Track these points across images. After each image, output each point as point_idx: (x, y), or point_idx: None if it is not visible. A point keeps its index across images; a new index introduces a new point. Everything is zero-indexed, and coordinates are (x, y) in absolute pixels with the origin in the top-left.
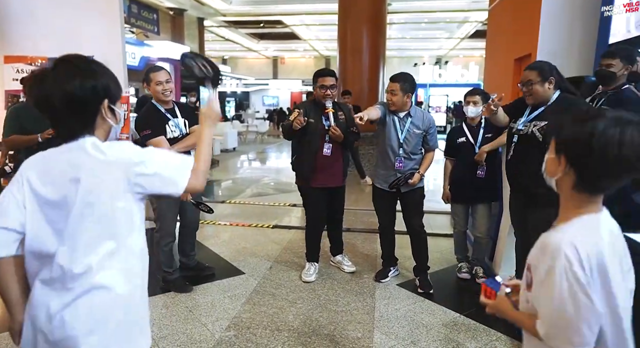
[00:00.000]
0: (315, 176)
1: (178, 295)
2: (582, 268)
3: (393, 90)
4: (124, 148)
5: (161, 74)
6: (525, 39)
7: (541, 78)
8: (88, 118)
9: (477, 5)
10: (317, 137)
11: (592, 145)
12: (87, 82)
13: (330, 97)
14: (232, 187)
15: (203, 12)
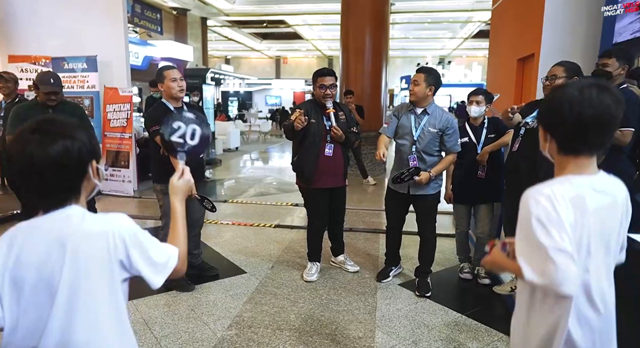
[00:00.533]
0: (316, 177)
1: (180, 293)
2: (544, 204)
3: (416, 80)
4: (117, 220)
5: (175, 72)
6: (528, 39)
7: (566, 75)
8: (75, 182)
9: (481, 5)
10: (318, 138)
11: (557, 108)
12: (73, 144)
13: (330, 97)
14: (235, 186)
15: (206, 11)
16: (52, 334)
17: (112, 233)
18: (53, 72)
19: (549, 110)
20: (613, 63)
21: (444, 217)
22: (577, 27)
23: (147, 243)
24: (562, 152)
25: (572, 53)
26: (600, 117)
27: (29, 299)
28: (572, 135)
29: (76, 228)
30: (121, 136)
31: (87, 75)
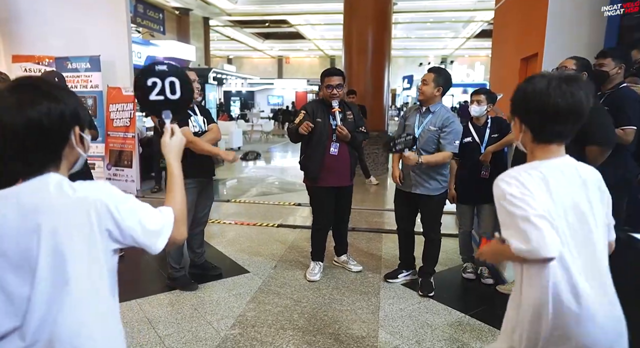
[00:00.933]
0: (322, 176)
1: (183, 293)
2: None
3: (425, 79)
4: (99, 187)
5: (193, 74)
6: (532, 38)
7: (576, 69)
8: (55, 149)
9: (483, 5)
10: (324, 137)
11: (527, 98)
12: (55, 107)
13: (336, 97)
14: (237, 186)
15: (208, 11)
16: (36, 310)
17: (93, 201)
18: (57, 72)
19: (525, 100)
20: (609, 63)
21: (446, 217)
22: (580, 26)
23: (136, 208)
24: (535, 141)
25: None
26: (572, 108)
27: (8, 273)
28: (546, 124)
29: (54, 196)
30: (124, 136)
31: (90, 75)
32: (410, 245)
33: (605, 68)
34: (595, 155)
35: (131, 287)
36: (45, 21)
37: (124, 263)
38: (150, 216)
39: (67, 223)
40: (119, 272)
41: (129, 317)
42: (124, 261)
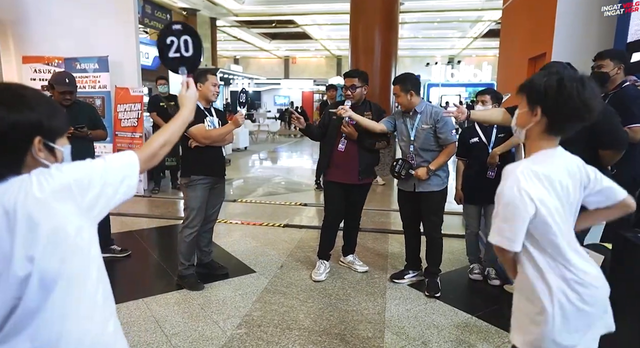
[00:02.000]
0: (330, 170)
1: (190, 292)
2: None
3: (395, 93)
4: (59, 175)
5: (216, 78)
6: (540, 38)
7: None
8: (11, 158)
9: (491, 4)
10: (334, 133)
11: (562, 89)
12: (9, 116)
13: (350, 97)
14: (244, 186)
15: (215, 12)
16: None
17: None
18: (68, 72)
19: (560, 94)
20: (608, 64)
21: (453, 217)
22: (589, 26)
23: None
24: (546, 132)
25: (584, 52)
26: (597, 106)
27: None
28: (571, 117)
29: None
30: (132, 136)
31: (98, 75)
32: (416, 246)
33: (604, 69)
34: (610, 159)
35: (138, 287)
36: (54, 22)
37: (130, 263)
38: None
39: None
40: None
41: (136, 315)
42: (131, 261)
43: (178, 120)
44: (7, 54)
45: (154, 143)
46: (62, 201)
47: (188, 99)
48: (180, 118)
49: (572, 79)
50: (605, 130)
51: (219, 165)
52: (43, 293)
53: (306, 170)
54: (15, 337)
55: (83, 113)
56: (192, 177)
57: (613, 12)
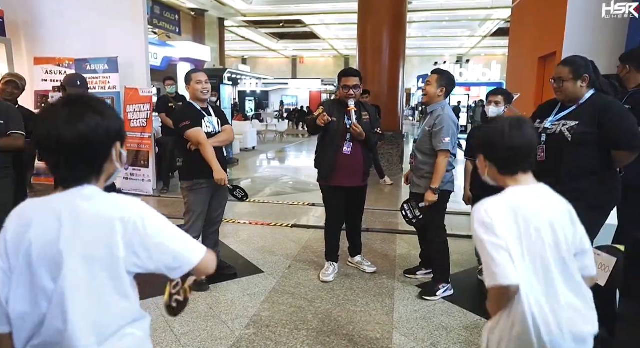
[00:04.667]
0: (334, 175)
1: (198, 292)
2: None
3: (429, 81)
4: (129, 203)
5: (201, 74)
6: (550, 36)
7: (573, 75)
8: (97, 162)
9: (500, 2)
10: (338, 136)
11: (492, 140)
12: (102, 122)
13: (353, 97)
14: (252, 186)
15: (224, 12)
16: (51, 321)
17: (121, 215)
18: (79, 74)
19: (485, 142)
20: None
21: (461, 218)
22: (601, 24)
23: (164, 227)
24: (501, 173)
25: (596, 52)
26: (527, 145)
27: (30, 277)
28: (507, 160)
29: (83, 207)
30: (141, 136)
31: (108, 76)
32: (426, 246)
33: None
34: (624, 159)
35: (148, 285)
36: (65, 23)
37: None
38: (178, 237)
39: (90, 237)
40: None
41: None
42: None
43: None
44: (19, 55)
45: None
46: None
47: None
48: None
49: (495, 128)
50: (621, 130)
51: (221, 166)
52: None
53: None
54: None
55: None
56: (195, 180)
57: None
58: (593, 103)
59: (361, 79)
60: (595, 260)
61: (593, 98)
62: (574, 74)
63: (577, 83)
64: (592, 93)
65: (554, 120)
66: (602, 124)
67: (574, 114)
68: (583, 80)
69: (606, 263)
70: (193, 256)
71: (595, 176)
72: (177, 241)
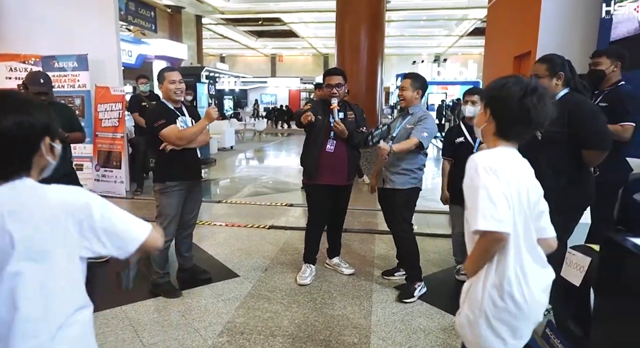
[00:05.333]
0: (318, 173)
1: (170, 299)
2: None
3: (404, 86)
4: (71, 191)
5: (175, 74)
6: (525, 36)
7: (549, 73)
8: (25, 156)
9: (476, 2)
10: (322, 134)
11: (509, 102)
12: (26, 119)
13: (336, 96)
14: (229, 186)
15: (201, 9)
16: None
17: (69, 204)
18: (43, 72)
19: (501, 99)
20: (605, 61)
21: (439, 216)
22: (574, 24)
23: (111, 211)
24: (497, 134)
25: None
26: (539, 120)
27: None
28: (512, 129)
29: (26, 198)
30: (113, 136)
31: (77, 74)
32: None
33: (601, 67)
34: (593, 159)
35: (116, 293)
36: (30, 19)
37: (108, 268)
38: (123, 218)
39: (41, 226)
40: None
41: (113, 324)
42: (109, 266)
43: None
44: None
45: None
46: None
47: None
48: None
49: (516, 85)
50: (592, 130)
51: (195, 168)
52: None
53: (293, 169)
54: None
55: (60, 114)
56: (168, 183)
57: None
58: (565, 102)
59: (345, 78)
60: (570, 260)
61: (566, 97)
62: (550, 71)
63: (553, 80)
64: (565, 91)
65: None
66: (573, 123)
67: None
68: (558, 78)
69: (581, 263)
70: (140, 234)
71: (567, 175)
72: (123, 222)
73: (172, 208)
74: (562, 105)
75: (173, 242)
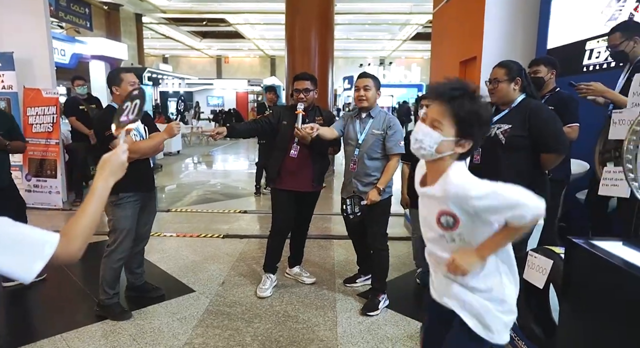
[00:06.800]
0: (281, 178)
1: (119, 322)
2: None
3: (367, 85)
4: None
5: (133, 75)
6: (470, 42)
7: (508, 77)
8: None
9: (418, 9)
10: (287, 139)
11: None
12: None
13: (303, 100)
14: (177, 193)
15: (141, 8)
16: None
17: None
18: None
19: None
20: (542, 69)
21: (395, 219)
22: (515, 32)
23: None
24: (460, 157)
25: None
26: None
27: None
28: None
29: None
30: (46, 142)
31: (2, 74)
32: (362, 251)
33: (540, 74)
34: (550, 162)
35: (56, 318)
36: None
37: (45, 289)
38: (23, 232)
39: None
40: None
41: None
42: (46, 286)
43: (88, 201)
44: None
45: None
46: None
47: (107, 165)
48: (93, 195)
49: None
50: (550, 134)
51: (148, 178)
52: None
53: (243, 174)
54: None
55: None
56: (121, 195)
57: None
58: (523, 107)
59: (315, 83)
60: (532, 263)
61: (523, 102)
62: (508, 76)
63: (511, 85)
64: (522, 97)
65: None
66: (533, 127)
67: (507, 118)
68: (516, 83)
69: (543, 266)
70: (47, 248)
71: (528, 178)
72: (24, 236)
73: (127, 222)
74: (522, 110)
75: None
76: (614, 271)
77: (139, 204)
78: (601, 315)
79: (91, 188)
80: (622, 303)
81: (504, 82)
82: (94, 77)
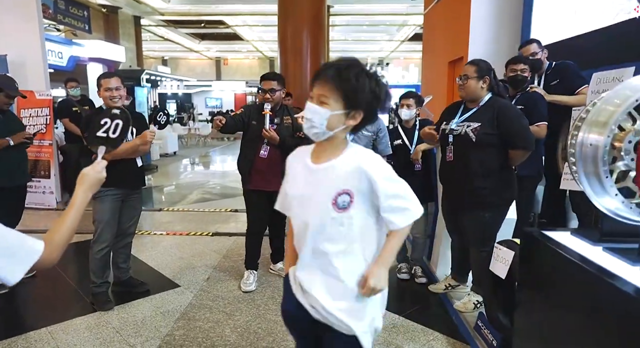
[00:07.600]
0: (252, 178)
1: (104, 315)
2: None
3: None
4: None
5: (111, 81)
6: (457, 42)
7: (477, 75)
8: None
9: (415, 10)
10: (256, 139)
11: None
12: None
13: (269, 101)
14: (172, 193)
15: (140, 10)
16: None
17: None
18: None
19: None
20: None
21: None
22: (500, 31)
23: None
24: (346, 114)
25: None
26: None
27: None
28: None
29: None
30: (40, 143)
31: None
32: None
33: (525, 74)
34: (519, 158)
35: (42, 313)
36: None
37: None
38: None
39: None
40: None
41: None
42: (36, 283)
43: (68, 211)
44: None
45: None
46: None
47: (86, 179)
48: (71, 206)
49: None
50: (517, 131)
51: (132, 176)
52: None
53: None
54: None
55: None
56: (100, 188)
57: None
58: (491, 105)
59: (282, 83)
60: (497, 254)
61: (491, 101)
62: (477, 74)
63: (479, 83)
64: (490, 96)
65: (458, 122)
66: (501, 125)
67: (476, 116)
68: (484, 82)
69: (506, 257)
70: (34, 254)
71: (497, 175)
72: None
73: (104, 214)
74: (490, 108)
75: (111, 254)
76: (561, 259)
77: (119, 199)
78: (550, 300)
79: (71, 200)
80: (569, 289)
81: (472, 78)
82: (92, 79)
